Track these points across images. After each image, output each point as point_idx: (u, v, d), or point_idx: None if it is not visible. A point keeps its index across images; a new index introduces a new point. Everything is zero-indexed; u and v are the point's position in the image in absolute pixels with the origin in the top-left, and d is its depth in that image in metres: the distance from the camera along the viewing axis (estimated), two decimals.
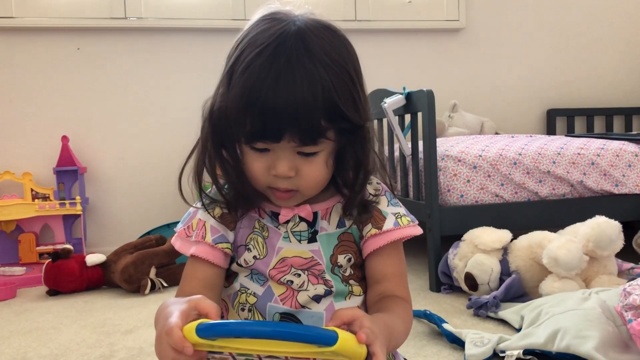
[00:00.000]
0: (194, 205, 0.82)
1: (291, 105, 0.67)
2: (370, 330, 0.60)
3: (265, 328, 0.55)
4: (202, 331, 0.56)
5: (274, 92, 0.67)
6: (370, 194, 0.82)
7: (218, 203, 0.80)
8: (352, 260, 0.81)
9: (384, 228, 0.80)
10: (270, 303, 0.78)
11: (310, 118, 0.68)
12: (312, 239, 0.80)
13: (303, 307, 0.78)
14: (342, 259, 0.80)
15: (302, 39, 0.70)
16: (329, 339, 0.55)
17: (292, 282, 0.78)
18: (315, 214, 0.80)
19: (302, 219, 0.80)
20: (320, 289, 0.78)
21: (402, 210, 0.83)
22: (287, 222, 0.80)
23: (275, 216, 0.80)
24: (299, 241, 0.79)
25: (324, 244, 0.80)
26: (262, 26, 0.72)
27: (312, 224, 0.80)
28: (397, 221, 0.81)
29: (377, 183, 0.84)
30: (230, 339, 0.56)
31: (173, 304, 0.63)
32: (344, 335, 0.56)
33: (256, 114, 0.68)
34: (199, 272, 0.79)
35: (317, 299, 0.78)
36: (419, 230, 0.83)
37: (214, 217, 0.80)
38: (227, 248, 0.79)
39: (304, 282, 0.78)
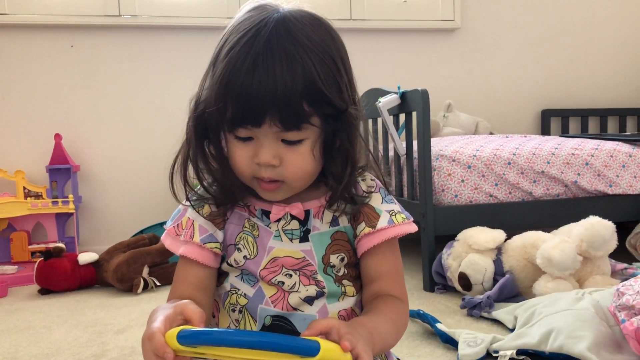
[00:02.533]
0: (183, 202, 0.81)
1: (270, 87, 0.66)
2: (351, 335, 0.60)
3: (247, 338, 0.55)
4: (183, 338, 0.56)
5: (252, 75, 0.66)
6: (363, 190, 0.80)
7: (206, 200, 0.79)
8: (346, 259, 0.79)
9: (378, 226, 0.78)
10: (261, 305, 0.77)
11: (291, 101, 0.66)
12: (304, 238, 0.78)
13: (295, 309, 0.76)
14: (334, 259, 0.78)
15: (283, 24, 0.69)
16: (311, 350, 0.55)
17: (283, 283, 0.77)
18: (307, 212, 0.78)
19: (293, 217, 0.78)
20: (312, 290, 0.77)
21: (396, 207, 0.81)
22: (278, 220, 0.78)
23: (266, 214, 0.78)
24: (291, 240, 0.77)
25: (316, 243, 0.78)
26: (246, 15, 0.72)
27: (303, 222, 0.78)
28: (392, 219, 0.79)
29: (371, 179, 0.82)
30: (211, 347, 0.55)
31: (161, 309, 0.63)
32: (326, 346, 0.55)
33: (235, 98, 0.67)
34: (190, 274, 0.78)
35: (309, 300, 0.77)
36: (414, 228, 0.81)
37: (202, 216, 0.79)
38: (216, 248, 0.78)
39: (295, 283, 0.77)
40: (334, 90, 0.70)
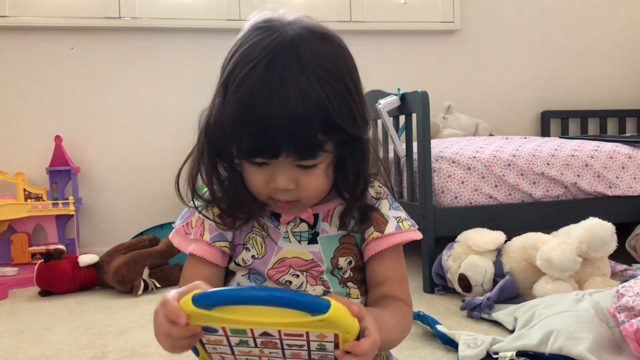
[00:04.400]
0: (190, 205, 0.81)
1: (285, 122, 0.66)
2: (362, 309, 0.60)
3: (260, 293, 0.55)
4: (198, 299, 0.55)
5: (268, 109, 0.66)
6: (372, 196, 0.82)
7: (214, 204, 0.80)
8: (353, 262, 0.81)
9: (386, 231, 0.80)
10: None
11: (306, 134, 0.68)
12: (312, 240, 0.79)
13: None
14: (342, 262, 0.80)
15: (294, 52, 0.68)
16: (322, 306, 0.55)
17: (290, 282, 0.78)
18: (316, 216, 0.80)
19: (302, 220, 0.80)
20: (319, 290, 0.79)
21: (403, 214, 0.83)
22: (288, 222, 0.79)
23: (275, 216, 0.80)
24: (299, 242, 0.79)
25: (325, 246, 0.79)
26: (255, 37, 0.71)
27: (312, 225, 0.80)
28: (399, 225, 0.81)
29: (379, 186, 0.84)
30: (225, 308, 0.55)
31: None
32: (336, 304, 0.55)
33: (251, 131, 0.68)
34: (198, 273, 0.79)
35: None
36: (419, 235, 0.83)
37: (212, 215, 0.80)
38: (225, 247, 0.79)
39: (302, 283, 0.78)
40: (348, 119, 0.71)
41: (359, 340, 0.58)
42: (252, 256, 0.79)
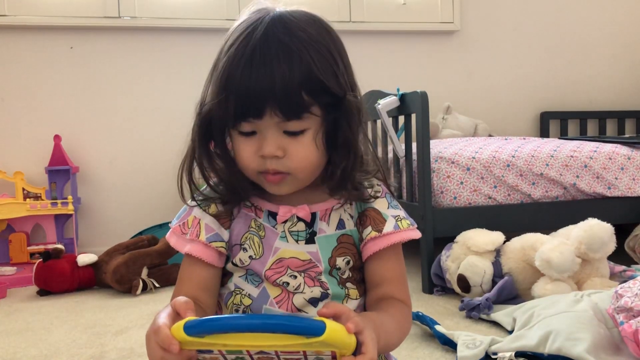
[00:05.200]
0: (189, 203, 0.81)
1: (268, 79, 0.67)
2: (359, 320, 0.60)
3: (253, 321, 0.55)
4: (190, 328, 0.56)
5: (249, 68, 0.68)
6: (369, 195, 0.81)
7: (212, 200, 0.80)
8: (351, 262, 0.80)
9: (384, 231, 0.79)
10: (266, 306, 0.77)
11: (289, 91, 0.68)
12: (309, 240, 0.78)
13: (300, 310, 0.77)
14: (340, 262, 0.79)
15: (279, 19, 0.71)
16: (317, 330, 0.55)
17: (287, 284, 0.77)
18: (313, 215, 0.79)
19: (300, 219, 0.79)
20: (317, 292, 0.77)
21: (402, 212, 0.82)
22: (285, 222, 0.79)
23: (272, 216, 0.79)
24: (296, 241, 0.78)
25: (323, 246, 0.78)
26: (245, 17, 0.74)
27: (310, 224, 0.79)
28: (397, 224, 0.80)
29: (377, 184, 0.83)
30: (218, 334, 0.55)
31: (165, 309, 0.64)
32: (332, 326, 0.55)
33: (235, 92, 0.69)
34: (194, 274, 0.79)
35: (313, 302, 0.77)
36: (418, 234, 0.82)
37: (209, 215, 0.79)
38: (221, 247, 0.79)
39: (300, 284, 0.77)
40: (331, 78, 0.71)
41: (356, 357, 0.58)
42: (250, 256, 0.78)
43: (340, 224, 0.80)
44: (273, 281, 0.77)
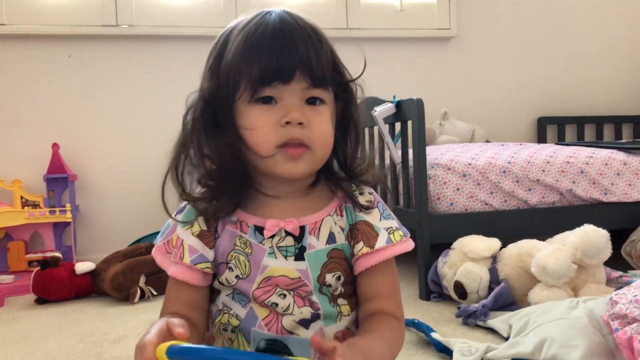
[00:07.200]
0: (173, 216, 0.81)
1: (302, 38, 0.70)
2: (345, 358, 0.60)
3: (237, 357, 0.55)
4: (172, 353, 0.56)
5: (280, 34, 0.70)
6: (361, 204, 0.79)
7: (203, 199, 0.77)
8: (342, 278, 0.78)
9: (377, 246, 0.77)
10: (254, 328, 0.75)
11: (320, 57, 0.71)
12: (299, 256, 0.76)
13: (290, 332, 0.75)
14: (330, 278, 0.76)
15: (286, 12, 0.74)
16: None
17: (276, 304, 0.75)
18: (302, 229, 0.76)
19: (288, 233, 0.76)
20: (307, 312, 0.75)
21: (394, 223, 0.80)
22: (272, 237, 0.76)
23: (259, 230, 0.76)
24: (285, 257, 0.75)
25: (312, 262, 0.76)
26: (245, 16, 0.76)
27: (299, 239, 0.76)
28: (390, 237, 0.78)
29: (369, 193, 0.81)
30: None
31: (157, 322, 0.64)
32: None
33: (265, 54, 0.69)
34: (181, 294, 0.78)
35: (304, 323, 0.75)
36: (410, 246, 0.81)
37: (192, 236, 0.77)
38: (207, 268, 0.77)
39: (289, 304, 0.75)
40: (340, 63, 0.76)
41: None
42: (236, 276, 0.76)
43: (331, 238, 0.77)
44: (261, 302, 0.75)
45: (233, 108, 0.73)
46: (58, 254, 2.24)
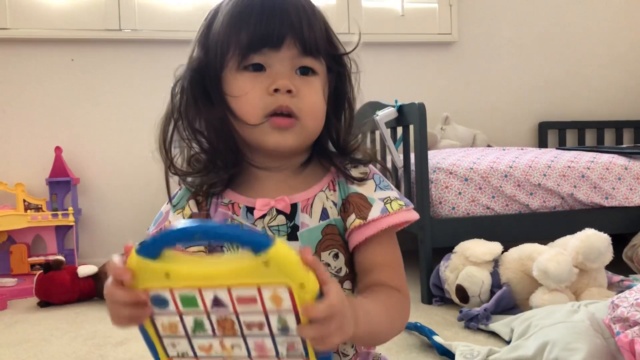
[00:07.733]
0: (167, 205, 0.79)
1: (292, 7, 0.68)
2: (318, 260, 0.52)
3: (206, 225, 0.51)
4: (143, 247, 0.53)
5: (269, 1, 0.69)
6: (354, 178, 0.75)
7: (195, 174, 0.76)
8: (340, 256, 0.74)
9: (369, 217, 0.71)
10: None
11: (311, 23, 0.69)
12: (291, 236, 0.72)
13: None
14: (327, 256, 0.73)
15: None
16: (264, 243, 0.48)
17: None
18: (294, 207, 0.73)
19: (279, 212, 0.73)
20: None
21: (392, 193, 0.75)
22: (263, 217, 0.73)
23: (250, 211, 0.74)
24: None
25: (305, 242, 0.72)
26: None
27: (290, 217, 0.73)
28: (386, 207, 0.72)
29: (365, 166, 0.78)
30: (170, 257, 0.53)
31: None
32: (283, 247, 0.49)
33: (254, 19, 0.68)
34: None
35: None
36: (413, 215, 0.74)
37: (183, 219, 0.75)
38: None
39: None
40: (334, 35, 0.75)
41: (316, 301, 0.50)
42: None
43: (324, 214, 0.73)
44: None
45: (222, 77, 0.72)
46: (61, 257, 2.25)
